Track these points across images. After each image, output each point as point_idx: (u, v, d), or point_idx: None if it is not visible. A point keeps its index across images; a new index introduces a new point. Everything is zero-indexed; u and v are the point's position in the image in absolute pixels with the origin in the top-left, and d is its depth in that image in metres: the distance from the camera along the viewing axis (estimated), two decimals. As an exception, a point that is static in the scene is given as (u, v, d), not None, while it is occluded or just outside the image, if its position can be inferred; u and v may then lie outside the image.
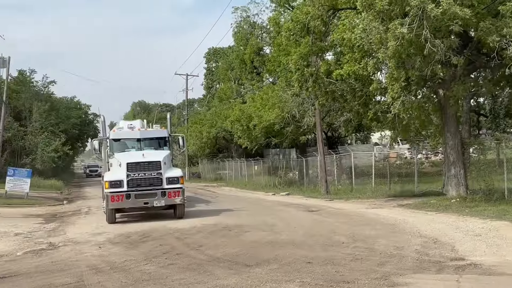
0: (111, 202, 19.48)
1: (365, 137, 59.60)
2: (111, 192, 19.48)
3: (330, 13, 23.07)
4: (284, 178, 41.50)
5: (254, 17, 56.68)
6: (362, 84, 22.64)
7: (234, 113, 42.04)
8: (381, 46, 18.74)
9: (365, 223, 17.07)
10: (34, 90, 57.96)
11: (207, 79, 72.39)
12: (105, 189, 19.87)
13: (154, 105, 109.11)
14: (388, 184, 28.99)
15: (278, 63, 39.53)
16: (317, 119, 31.24)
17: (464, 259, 10.92)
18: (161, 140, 22.49)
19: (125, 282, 9.94)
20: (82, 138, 74.44)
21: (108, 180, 19.81)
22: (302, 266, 10.75)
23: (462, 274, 9.71)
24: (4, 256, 13.18)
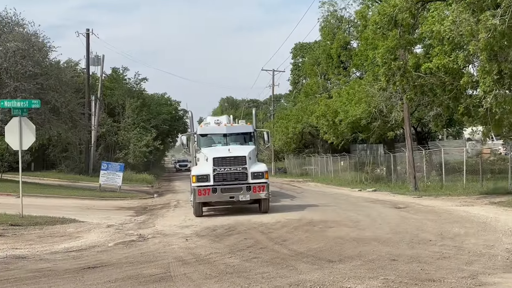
0: (198, 196, 19.93)
1: (457, 132, 57.77)
2: (198, 186, 19.93)
3: (419, 5, 22.52)
4: (371, 174, 40.95)
5: (341, 11, 56.08)
6: (452, 77, 21.96)
7: (320, 108, 41.83)
8: (472, 38, 18.14)
9: (454, 220, 16.59)
10: (126, 87, 60.18)
11: (294, 75, 72.40)
12: (192, 183, 20.34)
13: (242, 101, 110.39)
14: (480, 181, 27.99)
15: (365, 57, 38.98)
16: (405, 113, 30.59)
17: (559, 260, 10.42)
18: (246, 135, 22.81)
19: (209, 274, 10.16)
20: (172, 133, 76.37)
21: (195, 175, 20.25)
22: (387, 263, 10.59)
23: (557, 275, 9.27)
24: (97, 246, 13.79)
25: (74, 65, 48.36)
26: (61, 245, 13.96)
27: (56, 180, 40.73)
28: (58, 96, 34.87)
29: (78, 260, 12.00)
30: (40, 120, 32.98)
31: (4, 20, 34.90)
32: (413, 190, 29.25)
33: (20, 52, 33.63)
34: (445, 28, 18.98)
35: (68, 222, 18.23)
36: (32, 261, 11.93)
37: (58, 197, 27.96)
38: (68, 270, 10.89)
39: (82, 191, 32.00)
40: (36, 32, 36.20)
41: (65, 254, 12.79)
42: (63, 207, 22.94)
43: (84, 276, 10.30)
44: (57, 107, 34.95)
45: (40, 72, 34.63)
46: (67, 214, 19.70)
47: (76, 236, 15.65)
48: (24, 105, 19.22)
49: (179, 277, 10.01)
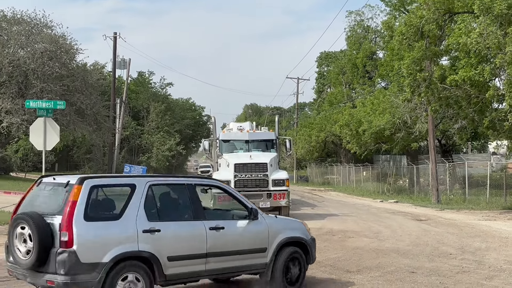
0: (218, 202, 19.96)
1: (481, 146, 57.15)
2: (218, 192, 19.98)
3: (446, 17, 22.39)
4: (394, 185, 40.65)
5: (368, 21, 56.06)
6: (478, 90, 21.75)
7: (344, 117, 41.71)
8: (499, 51, 18.01)
9: (475, 234, 16.40)
10: (152, 91, 60.63)
11: (318, 83, 72.34)
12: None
13: (265, 108, 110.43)
14: (504, 195, 27.62)
15: (390, 68, 38.76)
16: (430, 125, 30.33)
17: None
18: (268, 142, 22.73)
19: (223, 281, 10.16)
20: (196, 139, 76.63)
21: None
22: (405, 276, 10.50)
23: None
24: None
25: (101, 68, 48.81)
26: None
27: (79, 181, 41.07)
28: (83, 98, 35.28)
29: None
30: (65, 121, 33.38)
31: (32, 22, 35.42)
32: (435, 203, 28.95)
33: (48, 54, 34.09)
34: (471, 40, 18.84)
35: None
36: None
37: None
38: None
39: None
40: (64, 34, 36.78)
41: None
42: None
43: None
44: (82, 109, 35.35)
45: (66, 74, 35.09)
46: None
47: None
48: (49, 106, 19.44)
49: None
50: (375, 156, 55.88)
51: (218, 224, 8.49)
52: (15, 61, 33.23)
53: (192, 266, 8.13)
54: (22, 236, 7.42)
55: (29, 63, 33.08)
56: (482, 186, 29.95)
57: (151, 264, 7.62)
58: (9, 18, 35.24)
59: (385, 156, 56.13)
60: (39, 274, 7.32)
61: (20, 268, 7.48)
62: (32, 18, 35.44)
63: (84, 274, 7.12)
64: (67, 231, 7.11)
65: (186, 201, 8.50)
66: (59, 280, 7.05)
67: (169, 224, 8.02)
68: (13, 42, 34.31)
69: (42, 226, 7.22)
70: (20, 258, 7.44)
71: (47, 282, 7.19)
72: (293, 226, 9.85)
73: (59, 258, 7.07)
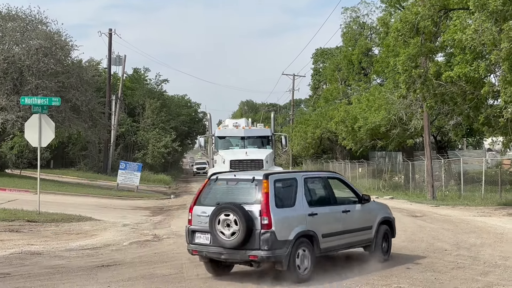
0: None
1: (477, 142, 57.26)
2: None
3: (442, 13, 22.37)
4: (389, 181, 40.71)
5: (363, 17, 55.99)
6: (473, 86, 21.77)
7: (339, 114, 41.67)
8: (494, 47, 18.00)
9: (470, 230, 16.45)
10: (147, 88, 60.51)
11: (314, 80, 72.29)
12: None
13: (261, 105, 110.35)
14: (499, 191, 27.69)
15: (386, 64, 38.81)
16: (425, 122, 30.36)
17: None
18: (264, 139, 22.88)
19: (221, 276, 10.16)
20: (192, 135, 76.54)
21: None
22: (401, 271, 10.54)
23: None
24: (111, 245, 13.88)
25: (96, 64, 48.63)
26: (76, 243, 14.08)
27: (74, 178, 41.07)
28: (79, 94, 35.16)
29: (92, 258, 12.09)
30: (60, 118, 33.26)
31: (27, 18, 35.26)
32: (430, 199, 29.01)
33: (43, 50, 33.95)
34: (467, 36, 18.83)
35: (84, 220, 18.37)
36: (47, 257, 12.06)
37: (75, 195, 28.17)
38: (82, 267, 10.98)
39: (100, 189, 32.22)
40: (59, 30, 36.57)
41: (80, 251, 12.90)
42: (80, 205, 23.11)
43: (97, 274, 10.38)
44: (78, 106, 35.23)
45: (61, 70, 34.94)
46: (84, 212, 19.85)
47: (92, 234, 15.76)
48: (44, 103, 19.41)
49: (192, 278, 10.06)
50: (371, 152, 55.89)
51: (346, 208, 10.94)
52: (10, 57, 33.09)
53: (335, 241, 10.49)
54: (226, 222, 9.36)
55: (24, 59, 32.94)
56: (477, 182, 30.01)
57: (313, 240, 9.84)
58: (4, 15, 35.06)
59: (380, 153, 56.14)
60: (239, 251, 9.34)
61: (221, 248, 9.42)
62: (27, 15, 35.27)
63: (279, 249, 9.25)
64: (267, 216, 9.26)
65: (325, 190, 10.86)
66: (262, 254, 9.17)
67: (321, 208, 10.32)
68: (8, 38, 34.16)
69: (245, 213, 9.26)
70: (224, 239, 9.36)
71: (250, 256, 9.27)
72: (384, 208, 12.24)
73: (263, 237, 9.18)
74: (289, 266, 9.34)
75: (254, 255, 9.23)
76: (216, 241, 9.52)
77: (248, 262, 9.53)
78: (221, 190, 10.15)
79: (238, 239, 9.22)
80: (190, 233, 10.05)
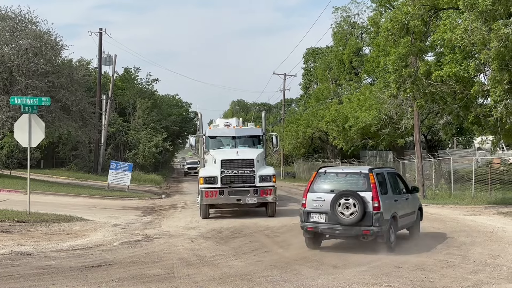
0: (205, 198, 19.87)
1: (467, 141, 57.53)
2: (205, 188, 19.86)
3: (431, 13, 22.44)
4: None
5: (354, 17, 56.20)
6: (463, 86, 21.86)
7: (330, 113, 41.76)
8: (483, 47, 18.08)
9: (460, 229, 16.51)
10: (138, 87, 60.26)
11: (305, 79, 72.36)
12: (200, 184, 20.26)
13: (252, 104, 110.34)
14: (489, 190, 27.83)
15: (377, 64, 38.90)
16: (415, 121, 30.44)
17: None
18: (255, 138, 22.70)
19: (213, 276, 10.18)
20: (183, 135, 76.44)
21: (203, 176, 20.21)
22: (391, 270, 10.57)
23: (562, 287, 9.20)
24: (102, 245, 13.83)
25: (86, 64, 48.43)
26: (66, 243, 14.02)
27: (64, 178, 40.90)
28: (69, 94, 34.98)
29: (83, 258, 12.05)
30: (50, 118, 33.11)
31: (17, 18, 35.05)
32: (421, 198, 29.01)
33: (33, 50, 33.78)
34: (456, 36, 18.88)
35: (75, 220, 18.30)
36: (36, 258, 12.00)
37: (66, 195, 28.06)
38: (72, 268, 10.94)
39: (90, 189, 32.09)
40: (49, 30, 36.35)
41: (70, 252, 12.85)
42: (71, 205, 23.03)
43: (87, 274, 10.34)
44: (68, 106, 35.07)
45: (51, 70, 34.75)
46: (74, 212, 19.79)
47: (82, 234, 15.71)
48: (34, 103, 19.33)
49: (183, 278, 10.03)
50: (362, 151, 56.06)
51: (407, 196, 14.33)
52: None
53: (404, 221, 13.68)
54: (345, 205, 12.23)
55: (13, 59, 32.74)
56: (468, 181, 30.15)
57: (397, 220, 12.98)
58: (-6, 14, 34.87)
59: (371, 152, 56.35)
60: (354, 228, 12.22)
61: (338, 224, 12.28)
62: (17, 14, 35.03)
63: (384, 226, 12.20)
64: (377, 201, 12.20)
65: (396, 182, 14.13)
66: (374, 229, 12.10)
67: (397, 196, 13.60)
68: (-3, 38, 33.99)
69: (361, 198, 12.15)
70: (344, 218, 12.20)
71: (363, 231, 12.20)
72: (418, 197, 15.90)
73: (375, 217, 12.12)
74: (387, 239, 12.35)
75: (367, 230, 12.17)
76: (332, 220, 12.40)
77: (360, 236, 12.38)
78: (332, 180, 13.16)
79: (356, 218, 12.10)
80: (305, 214, 12.89)
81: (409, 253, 12.37)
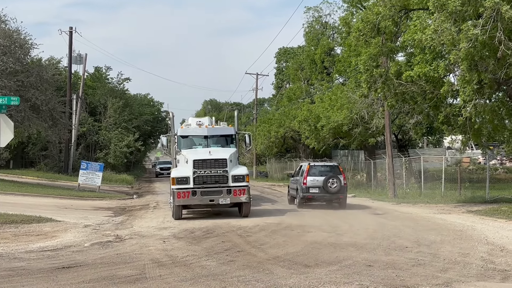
0: (178, 199, 19.58)
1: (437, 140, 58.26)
2: (177, 189, 19.59)
3: (402, 13, 22.69)
4: (351, 180, 41.10)
5: (326, 17, 56.50)
6: (432, 86, 22.13)
7: (302, 113, 41.92)
8: (453, 47, 18.33)
9: (431, 228, 16.72)
10: (109, 87, 59.66)
11: (277, 79, 72.53)
12: (172, 185, 19.96)
13: (225, 104, 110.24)
14: (458, 189, 28.24)
15: (348, 64, 39.21)
16: (386, 121, 30.76)
17: (532, 269, 10.53)
18: (228, 138, 22.57)
19: (185, 276, 10.13)
20: (155, 135, 75.84)
21: (175, 177, 19.91)
22: (362, 269, 10.64)
23: (529, 284, 9.38)
24: (72, 246, 13.68)
25: (56, 63, 47.80)
26: (36, 244, 13.83)
27: (34, 178, 40.33)
28: (38, 93, 34.53)
29: (53, 259, 11.90)
30: (19, 118, 32.65)
31: (-15, 16, 34.50)
32: (392, 197, 29.41)
33: (1, 49, 33.30)
34: (426, 37, 19.12)
35: (45, 221, 18.05)
36: (6, 259, 11.81)
37: (35, 195, 27.67)
38: (42, 269, 10.79)
39: (61, 190, 31.71)
40: (18, 28, 35.86)
41: (40, 253, 12.68)
42: (41, 206, 22.73)
43: (58, 276, 10.22)
44: (38, 105, 34.61)
45: (21, 69, 34.28)
46: (44, 213, 19.53)
47: (52, 235, 15.51)
48: (2, 102, 19.01)
49: (154, 279, 9.96)
50: (334, 151, 56.42)
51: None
52: (-33, 56, 32.37)
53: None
54: (332, 182, 23.17)
55: (-19, 58, 32.26)
56: (437, 180, 30.56)
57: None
58: (-40, 12, 34.25)
59: (343, 151, 56.72)
60: (335, 195, 23.45)
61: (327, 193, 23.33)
62: (-16, 12, 34.50)
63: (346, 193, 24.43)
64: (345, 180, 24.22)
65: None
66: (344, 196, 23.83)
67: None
68: (-36, 36, 33.40)
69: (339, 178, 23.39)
70: (331, 189, 23.14)
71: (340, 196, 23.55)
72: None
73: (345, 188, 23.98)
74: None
75: (341, 195, 23.48)
76: (323, 191, 23.29)
77: (337, 200, 23.48)
78: (319, 169, 24.17)
79: (337, 189, 23.12)
80: (307, 188, 23.36)
81: (380, 252, 12.47)
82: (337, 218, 19.90)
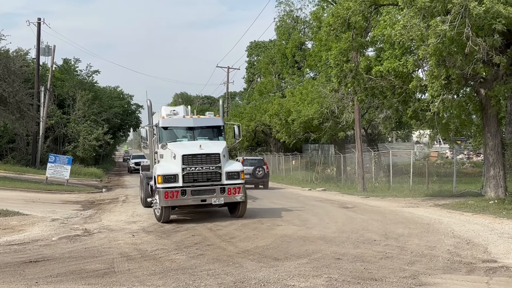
0: (165, 199, 16.89)
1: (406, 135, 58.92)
2: (164, 188, 16.97)
3: (372, 8, 22.84)
4: (322, 173, 41.40)
5: (297, 11, 56.70)
6: (401, 81, 22.36)
7: (273, 107, 42.08)
8: (421, 43, 18.52)
9: (399, 221, 16.91)
10: (78, 79, 58.88)
11: (248, 73, 72.57)
12: (158, 184, 17.25)
13: (196, 97, 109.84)
14: (426, 183, 28.63)
15: (319, 58, 39.40)
16: (356, 115, 31.02)
17: (496, 261, 10.73)
18: (216, 129, 19.86)
19: (154, 270, 10.10)
20: (124, 128, 75.13)
21: (162, 174, 17.15)
22: (331, 262, 10.72)
23: (493, 276, 9.55)
24: (40, 240, 13.52)
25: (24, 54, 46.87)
26: (3, 238, 13.64)
27: (1, 171, 39.63)
28: (5, 85, 33.95)
29: (20, 253, 11.75)
30: (-14, 110, 32.08)
31: (-49, 6, 33.80)
32: (361, 191, 29.70)
33: (-33, 40, 32.66)
34: (396, 32, 19.27)
35: (11, 215, 17.81)
36: (-29, 254, 11.62)
37: (2, 189, 27.24)
38: (8, 263, 10.65)
39: (28, 183, 31.27)
40: (-15, 19, 35.18)
41: (7, 247, 12.51)
42: (7, 199, 22.38)
43: (25, 270, 10.10)
44: (5, 97, 34.03)
45: (-13, 60, 33.66)
46: (11, 207, 19.25)
47: (19, 229, 15.31)
48: (-32, 94, 18.67)
49: (123, 273, 9.91)
50: (304, 145, 56.69)
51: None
52: None
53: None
54: (259, 170, 34.28)
55: None
56: (406, 174, 30.95)
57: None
58: None
59: (313, 145, 57.03)
60: (261, 179, 34.54)
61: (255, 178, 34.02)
62: (-50, 2, 33.84)
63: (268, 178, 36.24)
64: (268, 169, 36.20)
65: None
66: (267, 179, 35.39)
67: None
68: None
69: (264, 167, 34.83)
70: (258, 175, 34.11)
71: (264, 180, 34.69)
72: None
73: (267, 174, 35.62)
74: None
75: (265, 180, 34.56)
76: (252, 177, 33.24)
77: (262, 183, 34.28)
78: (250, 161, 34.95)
79: (262, 175, 34.14)
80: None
81: (349, 245, 12.59)
82: (307, 212, 19.96)
